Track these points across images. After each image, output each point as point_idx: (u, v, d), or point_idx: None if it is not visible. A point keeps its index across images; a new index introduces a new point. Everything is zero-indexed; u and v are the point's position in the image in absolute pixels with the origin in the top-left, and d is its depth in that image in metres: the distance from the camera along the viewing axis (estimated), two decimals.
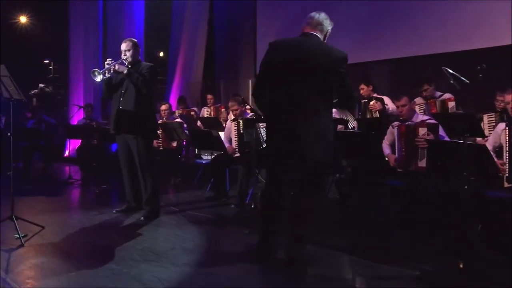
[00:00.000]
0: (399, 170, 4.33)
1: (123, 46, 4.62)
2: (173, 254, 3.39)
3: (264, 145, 5.46)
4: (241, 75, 10.14)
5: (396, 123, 4.46)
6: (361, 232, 4.01)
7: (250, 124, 5.45)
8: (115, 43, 9.88)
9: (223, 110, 7.84)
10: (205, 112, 8.35)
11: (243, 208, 5.13)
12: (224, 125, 7.08)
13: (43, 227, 4.10)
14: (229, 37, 10.64)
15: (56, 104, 11.07)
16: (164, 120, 6.75)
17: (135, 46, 4.65)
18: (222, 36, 10.77)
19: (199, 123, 7.63)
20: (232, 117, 7.46)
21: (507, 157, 3.50)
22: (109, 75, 4.51)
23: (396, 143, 4.31)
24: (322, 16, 3.09)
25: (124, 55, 4.60)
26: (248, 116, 5.76)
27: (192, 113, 8.57)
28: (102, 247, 3.63)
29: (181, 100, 8.80)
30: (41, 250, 3.51)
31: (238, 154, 5.54)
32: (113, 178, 7.47)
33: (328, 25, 3.14)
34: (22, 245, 3.60)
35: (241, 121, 5.53)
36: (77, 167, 8.04)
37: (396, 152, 4.31)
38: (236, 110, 5.63)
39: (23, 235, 3.74)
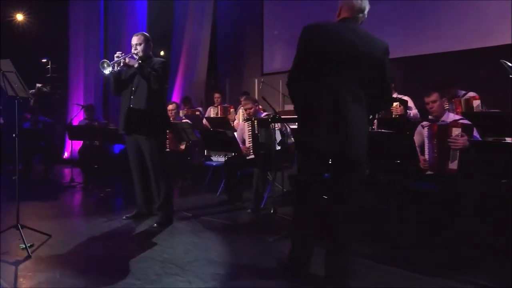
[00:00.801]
0: (428, 172, 4.07)
1: (134, 40, 4.34)
2: (196, 267, 3.10)
3: (278, 147, 5.20)
4: (248, 75, 9.89)
5: (425, 122, 4.19)
6: (395, 239, 3.74)
7: (265, 125, 5.19)
8: (116, 43, 9.65)
9: (232, 110, 7.56)
10: (212, 111, 8.04)
11: (260, 213, 4.86)
12: (232, 125, 6.82)
13: (50, 236, 3.81)
14: (234, 36, 10.40)
15: (54, 104, 10.75)
16: (172, 120, 6.45)
17: (147, 41, 4.37)
18: (227, 35, 10.52)
19: (205, 122, 7.35)
20: (241, 117, 7.21)
21: None
22: (118, 68, 4.22)
23: (427, 144, 4.04)
24: (365, 1, 2.79)
25: (135, 49, 4.31)
26: (262, 115, 5.48)
27: (197, 113, 8.29)
28: (117, 259, 3.32)
29: (186, 100, 8.52)
30: (51, 263, 3.21)
31: (252, 156, 5.26)
32: (116, 181, 7.20)
33: (366, 12, 2.86)
34: (29, 257, 3.30)
35: (255, 121, 5.25)
36: (78, 169, 7.73)
37: (427, 153, 4.04)
38: (250, 109, 5.34)
39: (29, 244, 3.45)
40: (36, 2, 10.77)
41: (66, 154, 10.25)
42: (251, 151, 5.27)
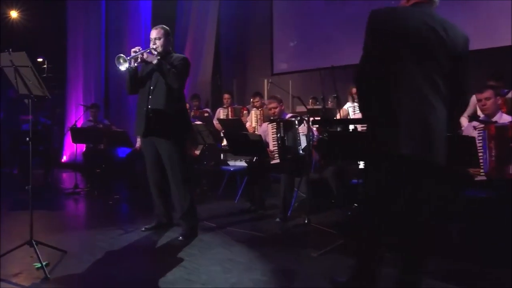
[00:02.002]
0: (478, 178, 3.72)
1: (153, 33, 3.93)
2: None
3: (301, 151, 4.80)
4: (256, 75, 9.52)
5: (476, 123, 3.84)
6: (457, 254, 3.36)
7: (292, 127, 4.81)
8: (118, 41, 9.26)
9: (245, 112, 7.17)
10: (221, 113, 7.62)
11: (289, 222, 4.48)
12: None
13: (65, 252, 3.39)
14: (240, 36, 10.05)
15: (49, 105, 10.25)
16: None
17: (166, 35, 3.96)
18: (233, 35, 10.15)
19: (216, 123, 6.96)
20: (253, 118, 6.83)
21: None
22: (136, 64, 3.80)
23: (481, 147, 3.68)
24: None
25: (154, 44, 3.90)
26: (287, 116, 5.09)
27: (206, 114, 7.84)
28: (148, 282, 2.88)
29: (195, 97, 8.03)
30: (72, 286, 2.80)
31: (277, 160, 4.86)
32: (123, 187, 6.78)
33: None
34: (47, 278, 2.87)
35: (281, 122, 4.85)
36: (77, 173, 7.23)
37: (482, 157, 3.68)
38: (275, 108, 4.94)
39: (45, 263, 3.01)
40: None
41: (64, 158, 9.79)
42: (276, 155, 4.87)
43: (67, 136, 8.27)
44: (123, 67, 3.71)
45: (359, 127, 4.40)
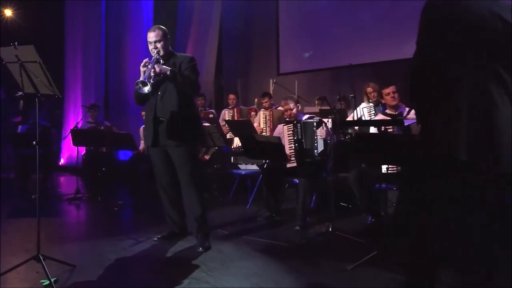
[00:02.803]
0: None
1: (151, 36, 3.59)
2: None
3: (316, 154, 4.53)
4: (261, 75, 9.26)
5: None
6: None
7: (309, 129, 4.55)
8: (118, 41, 8.97)
9: (253, 113, 6.90)
10: (226, 114, 7.33)
11: (309, 229, 4.22)
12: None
13: (74, 266, 3.09)
14: (244, 36, 9.80)
15: (47, 107, 9.92)
16: None
17: (165, 35, 3.65)
18: (236, 35, 9.89)
19: (223, 125, 6.68)
20: (262, 119, 6.57)
21: None
22: (152, 81, 3.49)
23: None
24: None
25: (155, 48, 3.58)
26: (304, 118, 4.82)
27: (211, 115, 7.56)
28: None
29: (200, 95, 7.73)
30: None
31: (294, 164, 4.60)
32: (126, 191, 6.48)
33: None
34: None
35: (298, 124, 4.59)
36: (79, 177, 6.92)
37: None
38: (292, 109, 4.67)
39: (53, 279, 2.73)
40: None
41: (62, 161, 9.47)
42: (292, 158, 4.61)
43: (67, 138, 7.95)
44: (147, 89, 3.39)
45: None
